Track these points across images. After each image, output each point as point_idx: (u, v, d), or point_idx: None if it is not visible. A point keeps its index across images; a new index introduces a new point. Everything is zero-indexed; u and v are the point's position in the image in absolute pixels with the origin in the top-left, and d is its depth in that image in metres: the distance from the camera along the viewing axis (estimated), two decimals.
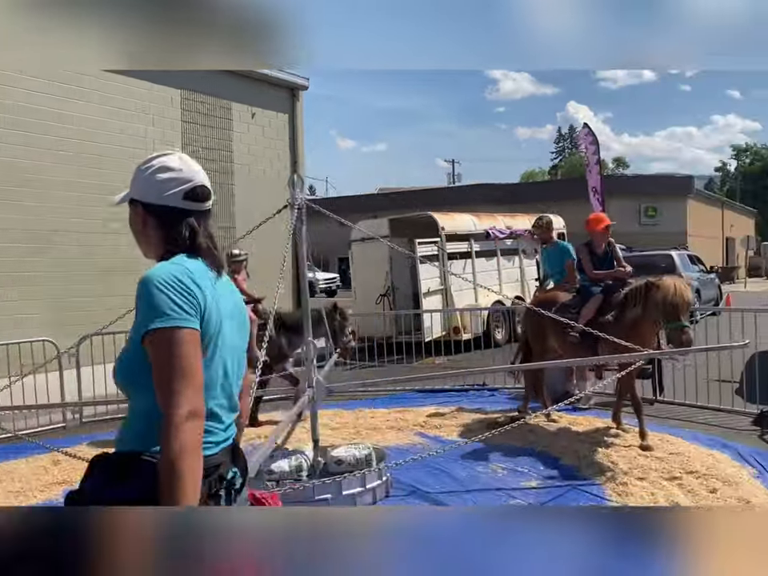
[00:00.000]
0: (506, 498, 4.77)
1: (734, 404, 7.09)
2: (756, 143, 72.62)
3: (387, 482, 4.94)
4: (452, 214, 13.60)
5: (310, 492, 4.56)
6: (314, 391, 4.74)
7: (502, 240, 13.76)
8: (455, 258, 12.68)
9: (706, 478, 4.92)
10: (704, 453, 5.51)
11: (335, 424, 7.07)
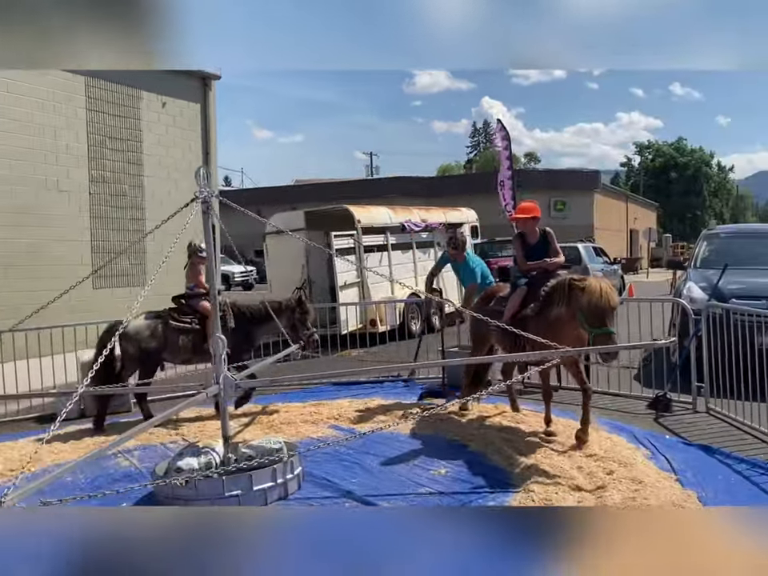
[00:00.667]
0: (415, 487, 4.89)
1: (632, 389, 7.50)
2: (658, 140, 76.47)
3: (299, 476, 4.96)
4: (368, 207, 13.68)
5: (220, 488, 4.53)
6: (221, 388, 4.69)
7: (418, 233, 13.96)
8: (372, 251, 12.78)
9: (604, 460, 5.19)
10: (603, 436, 5.81)
11: (248, 419, 7.02)
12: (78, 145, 11.72)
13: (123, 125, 12.63)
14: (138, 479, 5.19)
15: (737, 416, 6.27)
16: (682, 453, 5.47)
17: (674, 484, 4.75)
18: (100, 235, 12.11)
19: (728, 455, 5.36)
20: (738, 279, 8.18)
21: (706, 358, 6.71)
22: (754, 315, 6.34)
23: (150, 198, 13.08)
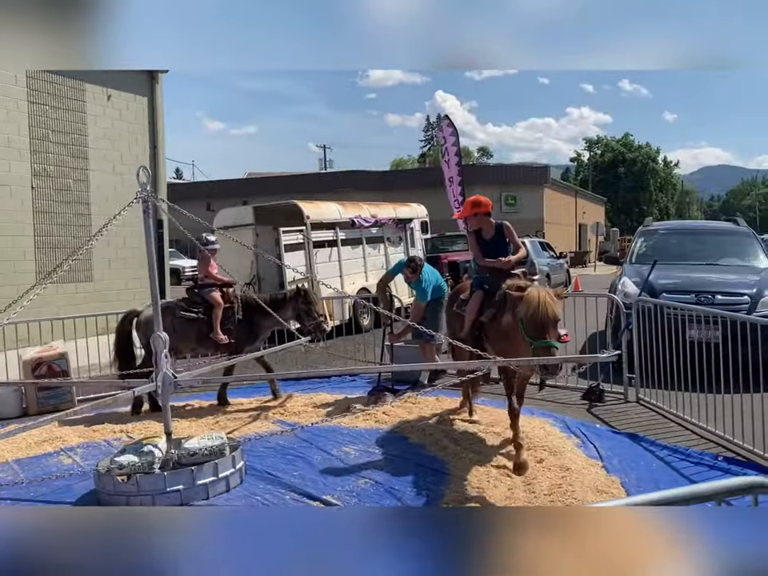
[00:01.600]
0: (356, 479, 5.04)
1: (568, 381, 7.79)
2: (607, 135, 78.14)
3: (241, 470, 5.06)
4: (317, 203, 13.74)
5: (162, 483, 4.61)
6: (162, 384, 4.75)
7: (367, 228, 14.09)
8: (322, 246, 12.86)
9: (536, 449, 5.44)
10: (537, 426, 6.07)
11: (193, 415, 7.07)
12: (20, 138, 11.48)
13: (67, 117, 12.42)
14: (81, 477, 5.21)
15: (664, 405, 6.61)
16: (610, 441, 5.76)
17: (599, 470, 5.02)
18: (44, 230, 11.90)
19: (652, 443, 5.66)
20: (669, 274, 8.56)
21: (637, 350, 7.03)
22: (683, 309, 6.66)
23: (95, 192, 12.89)
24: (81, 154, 12.72)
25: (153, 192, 4.82)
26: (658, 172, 74.04)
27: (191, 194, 39.12)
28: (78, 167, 12.68)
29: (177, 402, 7.28)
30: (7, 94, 11.20)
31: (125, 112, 13.59)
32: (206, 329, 7.37)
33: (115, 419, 7.00)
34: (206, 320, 7.37)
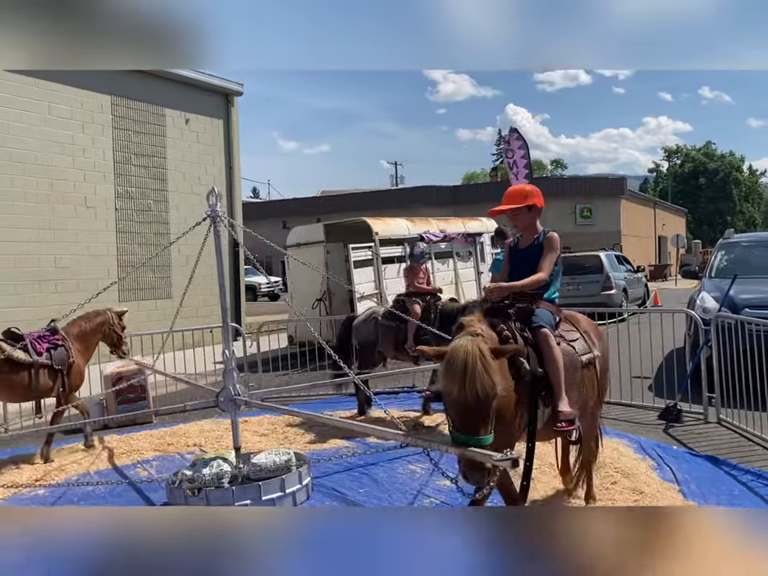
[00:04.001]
0: (421, 498, 5.00)
1: (644, 399, 7.51)
2: (686, 145, 75.53)
3: (308, 487, 5.11)
4: (386, 219, 13.84)
5: (230, 498, 4.70)
6: (221, 401, 4.87)
7: (436, 243, 14.08)
8: (391, 262, 12.93)
9: (608, 470, 5.25)
10: (609, 447, 5.86)
11: (265, 430, 7.20)
12: (105, 162, 12.12)
13: (148, 141, 13.02)
14: (155, 489, 5.38)
15: (747, 426, 6.27)
16: (688, 464, 5.50)
17: (675, 495, 4.80)
18: (126, 249, 12.47)
19: (734, 466, 5.37)
20: (751, 288, 8.15)
21: (717, 368, 6.71)
22: (766, 325, 6.32)
23: (174, 212, 13.44)
24: (161, 176, 13.30)
25: (225, 212, 4.97)
26: (743, 181, 70.90)
27: (267, 212, 40.14)
28: (158, 189, 13.26)
29: (250, 417, 7.43)
30: (93, 121, 11.85)
31: (202, 135, 14.13)
32: (402, 338, 7.43)
33: (189, 433, 7.21)
34: (401, 329, 7.40)
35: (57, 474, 6.00)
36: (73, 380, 6.49)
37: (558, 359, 3.64)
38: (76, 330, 6.68)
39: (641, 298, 19.12)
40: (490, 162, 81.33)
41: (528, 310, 3.82)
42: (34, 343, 6.28)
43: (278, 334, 11.74)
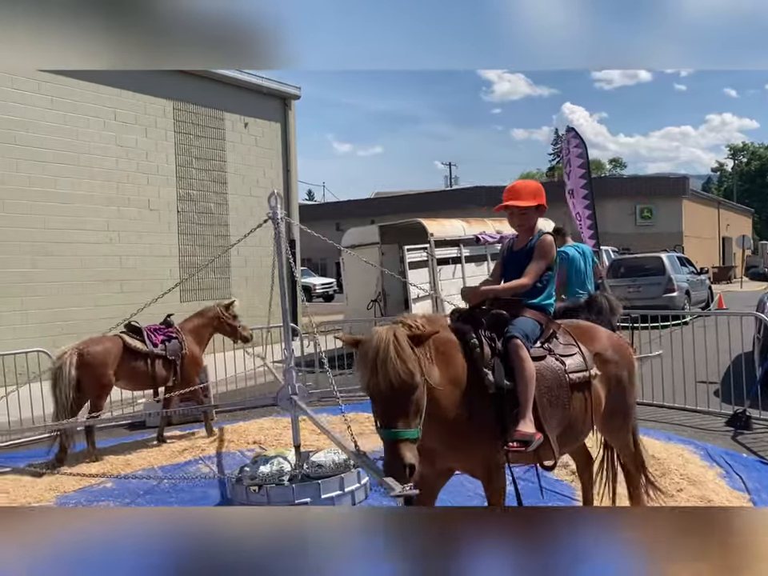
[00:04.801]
0: (480, 500, 4.95)
1: (710, 405, 7.27)
2: (753, 142, 72.85)
3: (366, 486, 5.13)
4: (441, 220, 13.79)
5: (291, 495, 4.76)
6: (296, 396, 4.93)
7: (492, 244, 13.95)
8: (446, 263, 12.88)
9: (674, 477, 5.10)
10: (674, 453, 5.70)
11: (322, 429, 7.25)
12: (167, 165, 12.45)
13: (208, 145, 13.32)
14: (216, 485, 5.50)
15: None
16: (759, 472, 5.29)
17: (745, 504, 4.63)
18: (187, 251, 12.78)
19: None
20: None
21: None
22: None
23: (233, 214, 13.70)
24: (221, 179, 13.59)
25: (285, 214, 5.04)
26: None
27: (321, 214, 40.56)
28: (218, 191, 13.54)
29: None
30: (156, 126, 12.19)
31: (260, 138, 14.37)
32: None
33: (249, 431, 7.33)
34: None
35: (123, 468, 6.19)
36: (187, 370, 7.03)
37: (527, 373, 3.29)
38: (189, 324, 7.24)
39: (704, 300, 18.53)
40: (546, 161, 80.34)
41: (502, 317, 3.50)
42: (150, 335, 6.87)
43: (333, 334, 11.83)
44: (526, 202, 3.68)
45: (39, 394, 7.34)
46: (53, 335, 9.58)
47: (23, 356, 7.85)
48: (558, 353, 3.57)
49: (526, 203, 3.67)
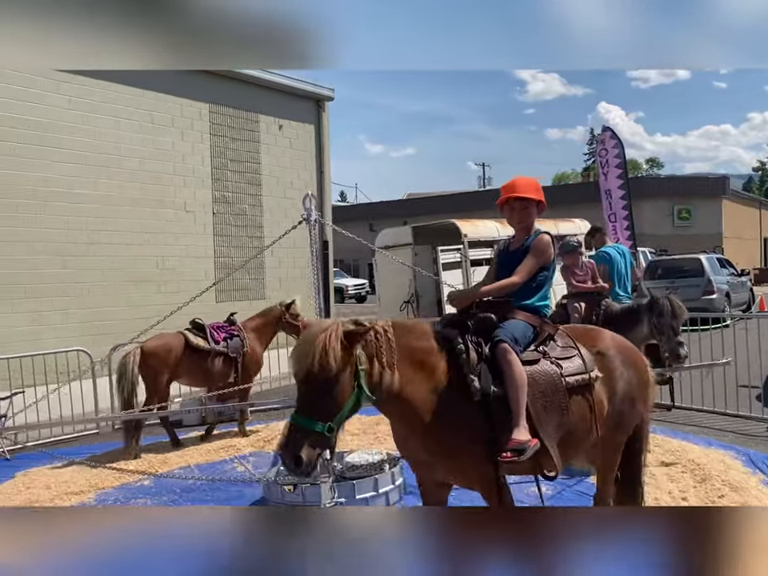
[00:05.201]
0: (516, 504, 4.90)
1: (752, 410, 7.10)
2: None
3: (400, 487, 5.11)
4: (475, 221, 13.73)
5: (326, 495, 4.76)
6: None
7: None
8: (480, 264, 12.81)
9: (715, 482, 4.99)
10: (715, 459, 5.57)
11: (356, 429, 7.26)
12: (203, 168, 12.60)
13: (243, 147, 13.45)
14: (252, 484, 5.54)
15: None
16: None
17: None
18: (222, 252, 12.92)
19: None
20: None
21: None
22: None
23: (267, 215, 13.81)
24: (255, 181, 13.71)
25: (320, 215, 5.06)
26: None
27: (354, 215, 40.68)
28: (253, 193, 13.66)
29: None
30: (192, 128, 12.35)
31: (294, 140, 14.46)
32: None
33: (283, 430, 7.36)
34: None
35: (160, 467, 6.28)
36: (247, 368, 7.19)
37: (516, 379, 3.13)
38: (252, 323, 7.40)
39: (745, 302, 18.10)
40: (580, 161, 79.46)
41: (490, 320, 3.34)
42: (212, 332, 7.05)
43: None
44: (527, 194, 3.52)
45: (79, 392, 7.49)
46: (92, 335, 9.76)
47: (63, 355, 8.02)
48: (554, 356, 3.41)
49: (527, 195, 3.51)
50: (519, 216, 3.54)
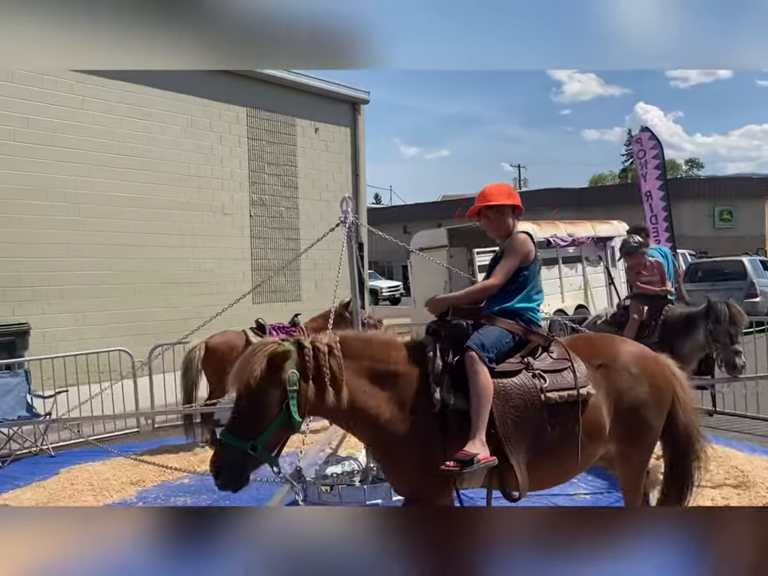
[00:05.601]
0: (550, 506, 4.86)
1: None
2: None
3: None
4: None
5: (362, 496, 4.78)
6: None
7: (564, 248, 13.69)
8: None
9: (759, 491, 4.88)
10: (759, 465, 5.45)
11: None
12: (241, 171, 12.75)
13: (280, 151, 13.57)
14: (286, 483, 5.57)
15: None
16: None
17: None
18: (259, 254, 13.06)
19: None
20: None
21: None
22: None
23: (303, 218, 13.92)
24: (291, 184, 13.82)
25: (356, 218, 5.09)
26: None
27: (389, 218, 40.76)
28: (289, 196, 13.78)
29: None
30: (230, 132, 12.51)
31: (330, 143, 14.55)
32: None
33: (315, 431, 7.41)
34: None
35: (198, 465, 6.36)
36: None
37: (479, 389, 2.99)
38: (313, 324, 7.63)
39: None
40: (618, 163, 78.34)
41: (461, 327, 3.25)
42: (272, 332, 7.27)
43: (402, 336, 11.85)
44: (500, 201, 3.40)
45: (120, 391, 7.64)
46: (133, 335, 9.95)
47: (105, 355, 8.19)
48: (540, 368, 3.21)
49: (499, 201, 3.39)
50: (495, 224, 3.45)
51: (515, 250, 3.33)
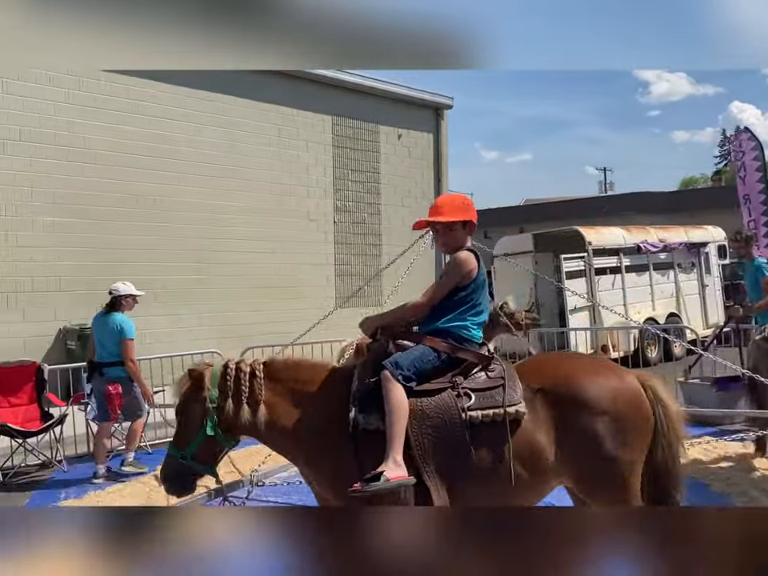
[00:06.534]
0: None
1: None
2: None
3: None
4: (599, 228, 13.28)
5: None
6: None
7: (655, 254, 13.22)
8: (604, 273, 12.37)
9: None
10: None
11: None
12: (325, 178, 12.98)
13: (364, 158, 13.73)
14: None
15: None
16: None
17: None
18: (342, 260, 13.24)
19: None
20: None
21: None
22: None
23: (386, 224, 14.01)
24: (374, 190, 13.95)
25: None
26: None
27: None
28: (372, 202, 13.91)
29: None
30: (316, 140, 12.75)
31: (413, 149, 14.59)
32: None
33: None
34: None
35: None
36: None
37: (392, 409, 2.92)
38: None
39: None
40: (710, 165, 74.88)
41: (381, 347, 3.22)
42: None
43: None
44: (450, 217, 3.24)
45: None
46: (223, 337, 10.27)
47: (198, 356, 8.48)
48: (468, 387, 3.07)
49: (449, 218, 3.24)
50: (443, 239, 3.33)
51: (453, 269, 3.25)
